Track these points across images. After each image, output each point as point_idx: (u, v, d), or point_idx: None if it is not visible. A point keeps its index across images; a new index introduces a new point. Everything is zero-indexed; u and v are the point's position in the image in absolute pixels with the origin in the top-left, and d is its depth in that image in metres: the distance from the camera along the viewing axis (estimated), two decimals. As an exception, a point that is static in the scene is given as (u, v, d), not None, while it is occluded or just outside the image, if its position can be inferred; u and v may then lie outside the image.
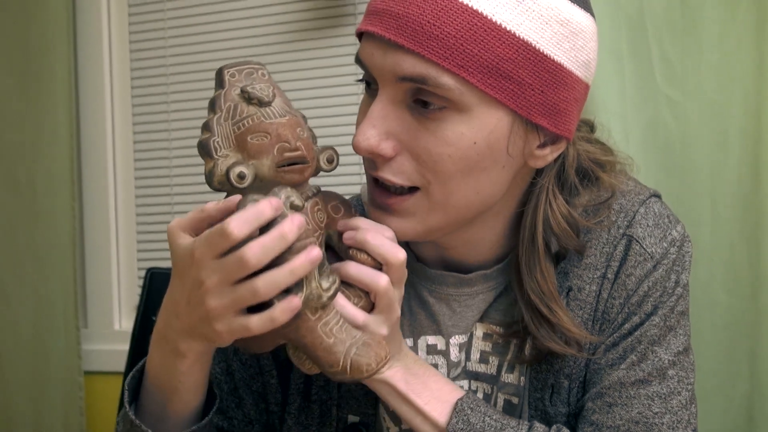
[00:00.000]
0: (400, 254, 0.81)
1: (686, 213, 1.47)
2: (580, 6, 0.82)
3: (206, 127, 0.75)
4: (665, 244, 0.90)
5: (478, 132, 0.79)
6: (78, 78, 2.06)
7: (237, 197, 0.73)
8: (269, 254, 0.69)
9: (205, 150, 0.74)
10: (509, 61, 0.77)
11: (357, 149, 0.81)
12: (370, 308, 0.82)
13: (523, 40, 0.77)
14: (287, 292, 0.71)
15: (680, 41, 1.48)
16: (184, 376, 0.81)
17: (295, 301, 0.71)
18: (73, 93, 2.01)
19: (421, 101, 0.79)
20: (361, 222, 0.83)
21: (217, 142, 0.74)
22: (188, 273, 0.72)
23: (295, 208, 0.73)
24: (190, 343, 0.77)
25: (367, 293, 0.82)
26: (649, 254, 0.89)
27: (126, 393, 0.85)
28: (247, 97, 0.75)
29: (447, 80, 0.77)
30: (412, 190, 0.83)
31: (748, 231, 1.45)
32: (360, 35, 0.84)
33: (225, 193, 0.77)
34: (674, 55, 1.49)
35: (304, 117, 0.79)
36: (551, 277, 0.88)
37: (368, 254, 0.81)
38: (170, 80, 2.05)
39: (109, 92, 2.08)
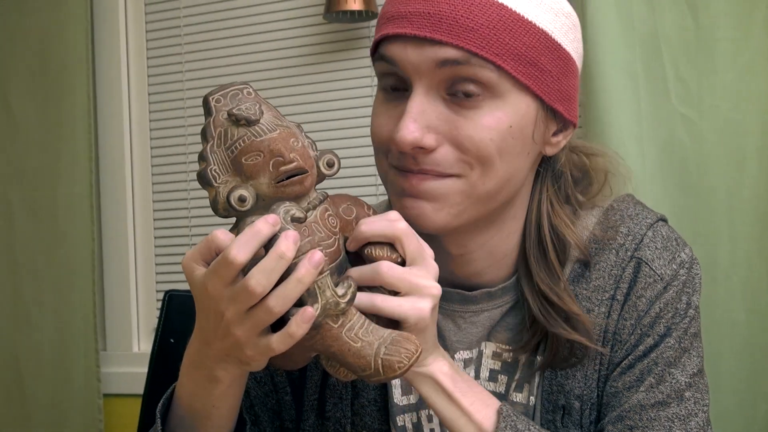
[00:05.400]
0: (399, 224, 0.79)
1: (703, 232, 1.47)
2: (569, 2, 0.88)
3: (202, 158, 0.75)
4: (674, 266, 0.91)
5: (513, 116, 0.82)
6: (97, 103, 2.09)
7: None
8: (272, 277, 0.69)
9: (204, 180, 0.74)
10: (534, 50, 0.82)
11: (401, 144, 0.81)
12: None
13: (542, 30, 0.83)
14: (302, 305, 0.71)
15: (695, 61, 1.49)
16: (218, 401, 0.81)
17: (308, 312, 0.71)
18: (92, 118, 2.03)
19: (461, 92, 0.82)
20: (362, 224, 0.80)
21: (215, 170, 0.74)
22: (208, 306, 0.73)
23: (296, 220, 0.73)
24: (227, 368, 0.77)
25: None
26: (659, 276, 0.90)
27: (158, 420, 0.85)
28: (235, 120, 0.74)
29: (485, 63, 0.80)
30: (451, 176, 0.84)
31: (767, 249, 1.45)
32: (376, 43, 0.86)
33: (234, 219, 0.76)
34: (689, 74, 1.49)
35: (299, 126, 0.78)
36: (558, 267, 0.90)
37: (386, 249, 0.80)
38: (187, 104, 2.07)
39: (127, 117, 2.11)
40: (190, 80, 2.06)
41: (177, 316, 1.49)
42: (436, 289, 0.79)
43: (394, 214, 0.80)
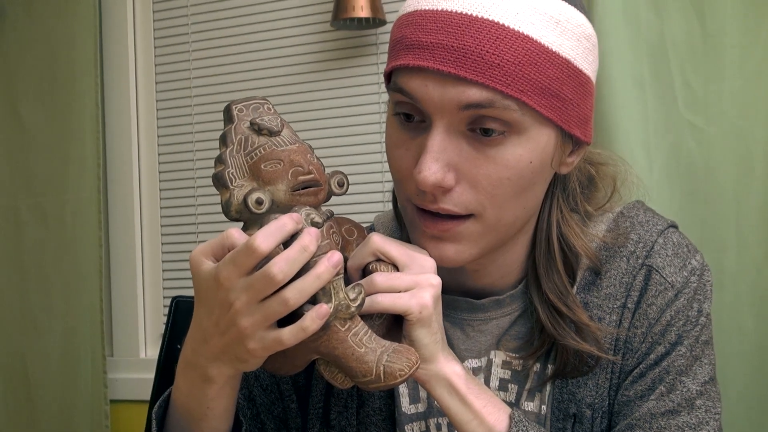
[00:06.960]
0: (372, 239, 0.82)
1: (711, 238, 1.47)
2: (589, 20, 0.85)
3: (220, 160, 0.77)
4: (685, 273, 0.90)
5: (533, 151, 0.81)
6: (105, 110, 2.10)
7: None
8: (294, 267, 0.71)
9: (220, 181, 0.76)
10: (557, 81, 0.80)
11: (423, 185, 0.80)
12: (391, 323, 0.82)
13: (565, 59, 0.80)
14: (315, 304, 0.73)
15: (702, 67, 1.49)
16: (213, 402, 0.81)
17: (324, 308, 0.72)
18: (100, 125, 2.04)
19: (481, 129, 0.80)
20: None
21: (232, 173, 0.76)
22: (215, 297, 0.73)
23: (315, 225, 0.75)
24: (220, 368, 0.77)
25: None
26: (670, 283, 0.89)
27: (153, 422, 0.86)
28: (257, 129, 0.77)
29: (510, 103, 0.78)
30: (466, 216, 0.84)
31: (774, 255, 1.44)
32: (391, 69, 0.84)
33: (243, 223, 0.78)
34: (696, 81, 1.49)
35: (310, 147, 0.81)
36: (566, 277, 0.89)
37: (381, 264, 0.82)
38: (195, 110, 2.07)
39: (135, 124, 2.12)
40: (198, 87, 2.07)
41: (184, 322, 1.49)
42: (435, 279, 0.81)
43: (371, 235, 0.83)
